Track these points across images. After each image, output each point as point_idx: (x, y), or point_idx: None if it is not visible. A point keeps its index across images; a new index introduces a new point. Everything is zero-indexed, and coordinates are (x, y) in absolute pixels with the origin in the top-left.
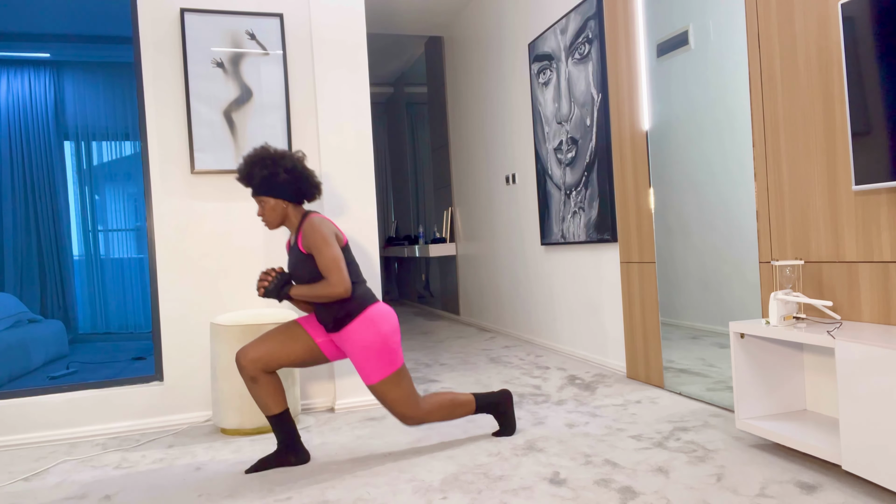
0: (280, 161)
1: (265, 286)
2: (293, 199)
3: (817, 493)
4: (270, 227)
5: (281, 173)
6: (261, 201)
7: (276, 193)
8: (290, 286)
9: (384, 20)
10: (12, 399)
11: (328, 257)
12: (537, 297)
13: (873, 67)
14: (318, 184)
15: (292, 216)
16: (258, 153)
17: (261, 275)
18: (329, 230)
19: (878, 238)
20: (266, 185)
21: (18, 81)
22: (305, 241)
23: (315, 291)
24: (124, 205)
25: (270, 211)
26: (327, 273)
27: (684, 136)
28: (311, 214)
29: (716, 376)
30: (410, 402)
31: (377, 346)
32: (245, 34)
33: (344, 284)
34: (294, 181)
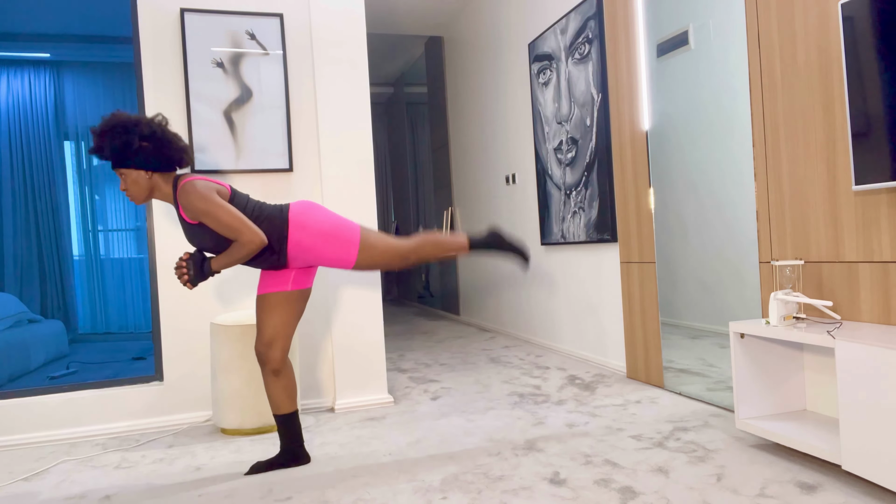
0: (134, 128)
1: (187, 278)
2: (157, 167)
3: (817, 493)
4: (137, 201)
5: (136, 141)
6: (121, 174)
7: (136, 164)
8: (209, 262)
9: (384, 20)
10: (12, 399)
11: (226, 218)
12: (537, 297)
13: (873, 67)
14: (184, 147)
15: (161, 186)
16: (108, 121)
17: (175, 271)
18: (209, 189)
19: (878, 238)
20: (121, 155)
21: (18, 81)
22: (189, 212)
23: (235, 256)
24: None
25: (133, 184)
26: (234, 233)
27: (684, 136)
28: (181, 181)
29: (716, 376)
30: (393, 248)
31: (325, 236)
32: (245, 34)
33: (257, 236)
34: (154, 149)
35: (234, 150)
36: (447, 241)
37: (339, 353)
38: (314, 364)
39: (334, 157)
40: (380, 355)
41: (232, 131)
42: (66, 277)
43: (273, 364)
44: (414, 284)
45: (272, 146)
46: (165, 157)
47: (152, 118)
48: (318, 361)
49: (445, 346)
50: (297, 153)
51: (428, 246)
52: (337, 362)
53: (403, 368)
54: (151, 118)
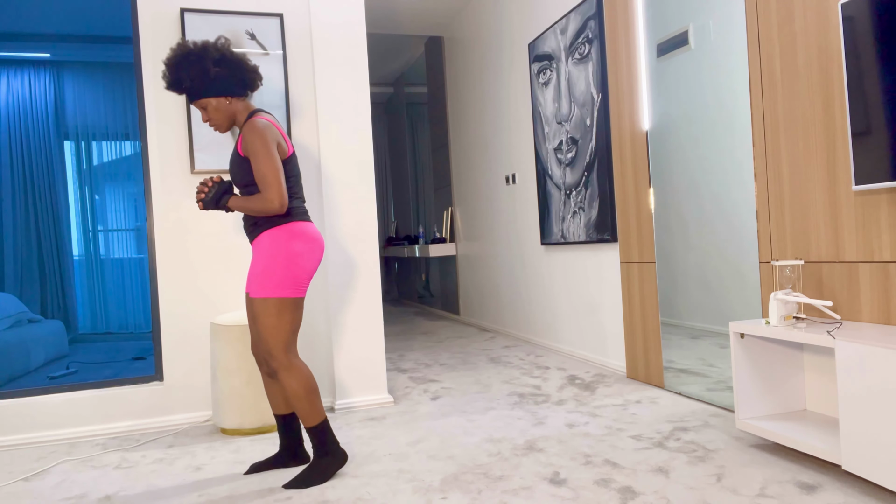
0: (205, 54)
1: (202, 198)
2: (234, 91)
3: (817, 493)
4: (221, 129)
5: (211, 67)
6: (201, 105)
7: (215, 91)
8: (229, 196)
9: (384, 20)
10: (12, 399)
11: (266, 167)
12: (537, 297)
13: (873, 67)
14: (255, 67)
15: (240, 113)
16: (177, 52)
17: (198, 186)
18: (272, 136)
19: (878, 238)
20: (200, 85)
21: (18, 81)
22: (244, 144)
23: (250, 204)
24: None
25: (215, 112)
26: (263, 185)
27: (684, 136)
28: (256, 114)
29: (716, 376)
30: (281, 341)
31: (281, 260)
32: (245, 34)
33: (280, 199)
34: (229, 71)
35: None
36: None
37: (339, 353)
38: (314, 364)
39: (334, 157)
40: (380, 355)
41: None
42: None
43: (268, 366)
44: (414, 284)
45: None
46: (240, 78)
47: (217, 41)
48: (318, 361)
49: (445, 346)
50: (297, 153)
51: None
52: (337, 362)
53: (403, 368)
54: (216, 41)
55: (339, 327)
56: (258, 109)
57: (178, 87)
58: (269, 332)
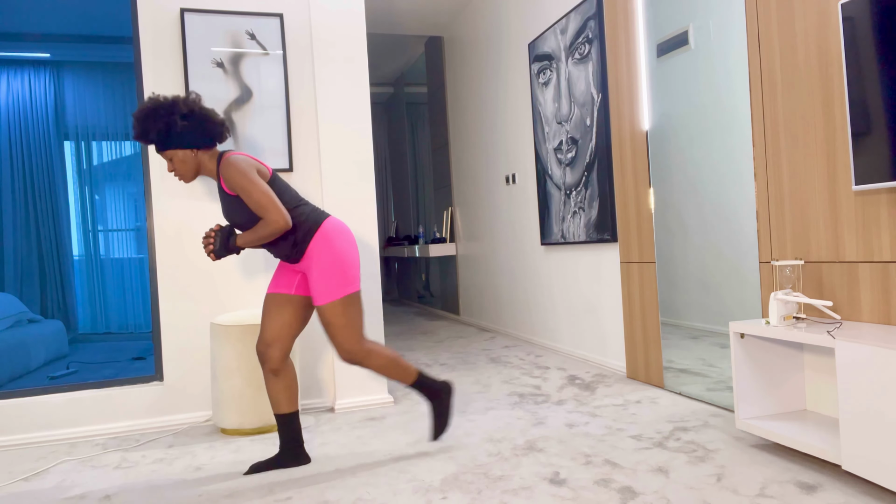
0: (173, 108)
1: (212, 248)
2: (200, 144)
3: (817, 493)
4: (186, 180)
5: (178, 122)
6: (167, 156)
7: (181, 143)
8: (235, 237)
9: (384, 20)
10: (12, 399)
11: (257, 195)
12: (537, 297)
13: (873, 67)
14: (222, 121)
15: (206, 162)
16: (147, 106)
17: (203, 241)
18: (249, 165)
19: (878, 238)
20: (166, 138)
21: (18, 81)
22: (229, 184)
23: (258, 234)
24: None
25: (181, 163)
26: (262, 211)
27: (684, 136)
28: (225, 155)
29: (716, 376)
30: (353, 334)
31: (333, 263)
32: (245, 34)
33: (283, 217)
34: (195, 126)
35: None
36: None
37: None
38: (314, 364)
39: (334, 157)
40: None
41: (232, 131)
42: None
43: (272, 364)
44: (414, 284)
45: (272, 146)
46: (207, 132)
47: (187, 96)
48: (318, 361)
49: (445, 346)
50: (297, 153)
51: (380, 358)
52: (337, 362)
53: None
54: (186, 96)
55: None
56: (224, 151)
57: (145, 138)
58: (344, 332)
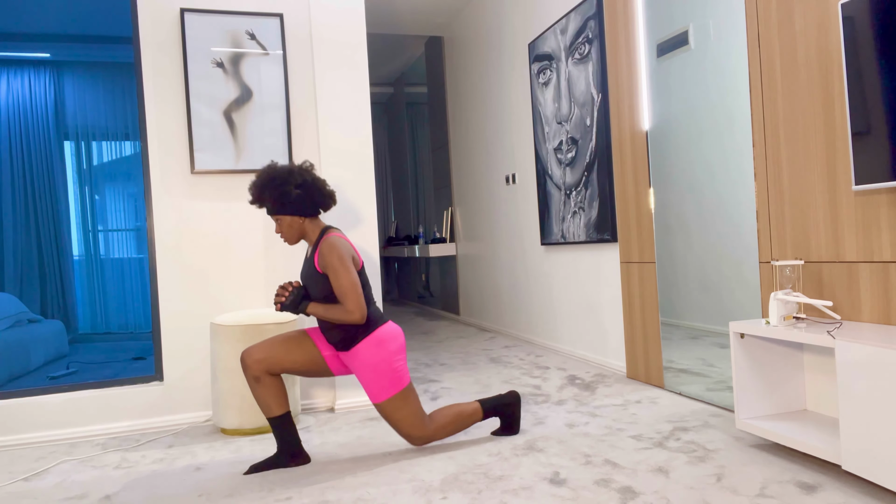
0: (289, 178)
1: (282, 301)
2: (308, 212)
3: (817, 493)
4: (290, 242)
5: (292, 190)
6: (277, 220)
7: (291, 210)
8: (307, 303)
9: (384, 20)
10: (12, 399)
11: (346, 282)
12: (537, 297)
13: (873, 67)
14: (331, 193)
15: (310, 231)
16: (267, 174)
17: (278, 289)
18: (347, 251)
19: (878, 238)
20: (279, 204)
21: (18, 81)
22: (322, 261)
23: (331, 314)
24: (124, 205)
25: (287, 228)
26: (344, 298)
27: (684, 136)
28: (329, 232)
29: (716, 376)
30: (417, 421)
31: (384, 365)
32: (245, 34)
33: (361, 311)
34: (306, 196)
35: (234, 150)
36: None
37: None
38: None
39: (334, 157)
40: None
41: (232, 131)
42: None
43: (253, 371)
44: (414, 284)
45: (272, 146)
46: (316, 202)
47: (301, 166)
48: None
49: (445, 346)
50: (297, 153)
51: (448, 426)
52: None
53: None
54: (301, 166)
55: None
56: (329, 227)
57: (261, 202)
58: (408, 421)
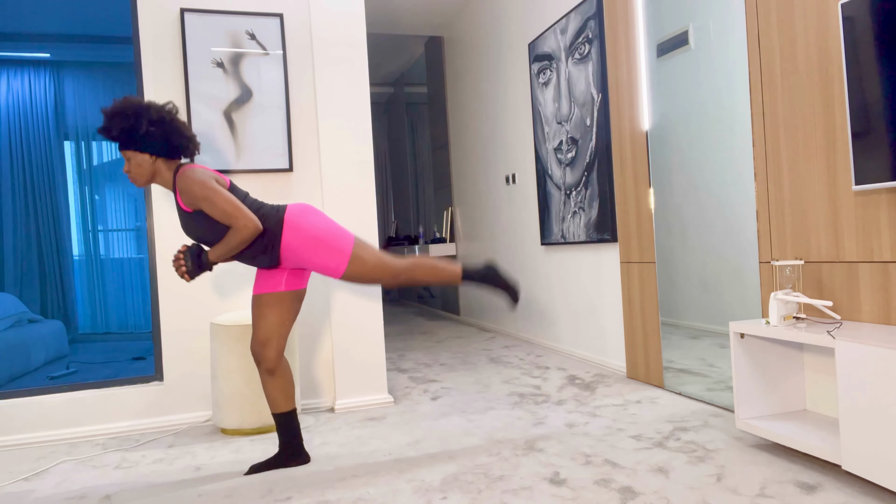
0: (144, 112)
1: (185, 269)
2: (162, 153)
3: (817, 493)
4: (138, 184)
5: (144, 125)
6: (126, 156)
7: (142, 147)
8: (206, 254)
9: (384, 20)
10: (12, 399)
11: (220, 203)
12: (537, 297)
13: (873, 67)
14: (192, 136)
15: (163, 172)
16: (119, 104)
17: (173, 264)
18: (207, 176)
19: (878, 238)
20: (129, 138)
21: (18, 81)
22: (186, 198)
23: (230, 244)
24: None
25: (136, 167)
26: (229, 219)
27: (684, 136)
28: (182, 168)
29: (716, 376)
30: (384, 265)
31: (316, 241)
32: (245, 34)
33: (252, 221)
34: (161, 134)
35: (234, 150)
36: (441, 268)
37: (339, 353)
38: (314, 364)
39: (334, 157)
40: (380, 355)
41: (232, 131)
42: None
43: (268, 363)
44: None
45: (272, 146)
46: (172, 143)
47: (162, 105)
48: (318, 362)
49: (445, 346)
50: (297, 153)
51: (421, 269)
52: (337, 362)
53: (403, 368)
54: (161, 105)
55: (339, 327)
56: (181, 164)
57: (108, 133)
58: (376, 272)
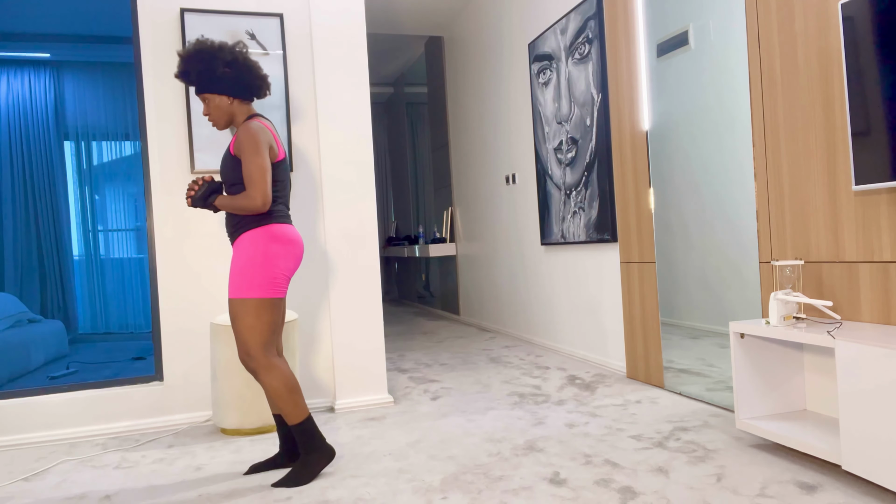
0: (218, 53)
1: (192, 194)
2: (238, 94)
3: (817, 493)
4: (218, 126)
5: (220, 67)
6: (204, 99)
7: (219, 89)
8: (216, 196)
9: (384, 20)
10: (12, 399)
11: (254, 167)
12: (537, 297)
13: (873, 67)
14: (264, 76)
15: (238, 115)
16: (194, 46)
17: (189, 183)
18: (265, 138)
19: (878, 238)
20: (206, 80)
21: (18, 81)
22: (237, 144)
23: (235, 202)
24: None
25: (216, 109)
26: (249, 183)
27: (684, 136)
28: (253, 118)
29: (716, 376)
30: (259, 342)
31: (255, 261)
32: (245, 34)
33: (264, 197)
34: (236, 75)
35: None
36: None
37: (339, 353)
38: (314, 364)
39: (334, 157)
40: (380, 355)
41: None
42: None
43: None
44: (414, 284)
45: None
46: (246, 83)
47: (234, 45)
48: (318, 361)
49: (445, 346)
50: (297, 153)
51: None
52: (337, 362)
53: (403, 368)
54: (233, 45)
55: (339, 327)
56: (257, 114)
57: (186, 77)
58: (248, 333)
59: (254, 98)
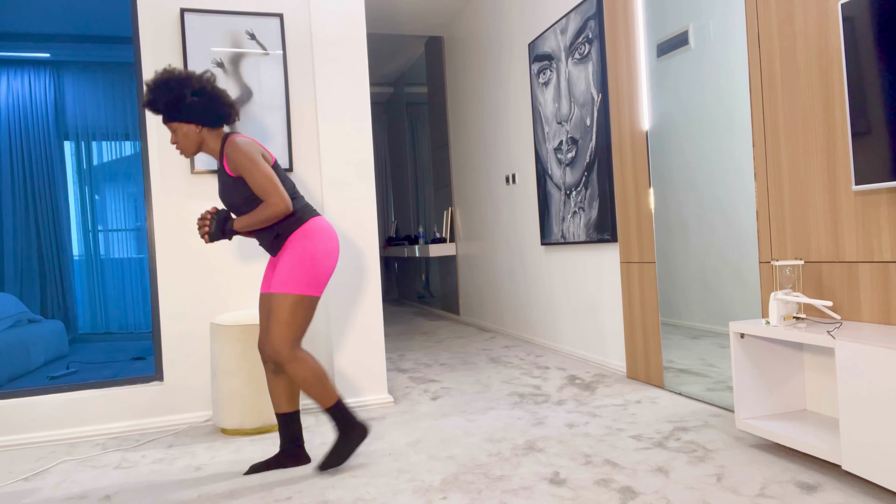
0: (185, 83)
1: (207, 231)
2: (206, 122)
3: (817, 493)
4: (186, 154)
5: (188, 96)
6: (172, 128)
7: (187, 118)
8: (231, 221)
9: (384, 20)
10: (12, 399)
11: (260, 176)
12: (537, 297)
13: (873, 67)
14: (232, 103)
15: (210, 141)
16: (160, 76)
17: (198, 221)
18: (254, 149)
19: (878, 238)
20: (174, 109)
21: (18, 81)
22: (231, 164)
23: (257, 217)
24: (124, 205)
25: (184, 137)
26: (264, 194)
27: (684, 136)
28: (231, 136)
29: (716, 376)
30: (290, 337)
31: (304, 258)
32: (245, 34)
33: (284, 201)
34: (204, 103)
35: None
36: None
37: (339, 353)
38: None
39: (334, 157)
40: (380, 355)
41: (232, 131)
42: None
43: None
44: (414, 284)
45: (272, 146)
46: (214, 111)
47: (202, 74)
48: None
49: (445, 346)
50: (297, 153)
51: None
52: (337, 362)
53: (403, 368)
54: (201, 74)
55: (339, 327)
56: (230, 133)
57: (153, 106)
58: (281, 327)
59: (223, 125)
